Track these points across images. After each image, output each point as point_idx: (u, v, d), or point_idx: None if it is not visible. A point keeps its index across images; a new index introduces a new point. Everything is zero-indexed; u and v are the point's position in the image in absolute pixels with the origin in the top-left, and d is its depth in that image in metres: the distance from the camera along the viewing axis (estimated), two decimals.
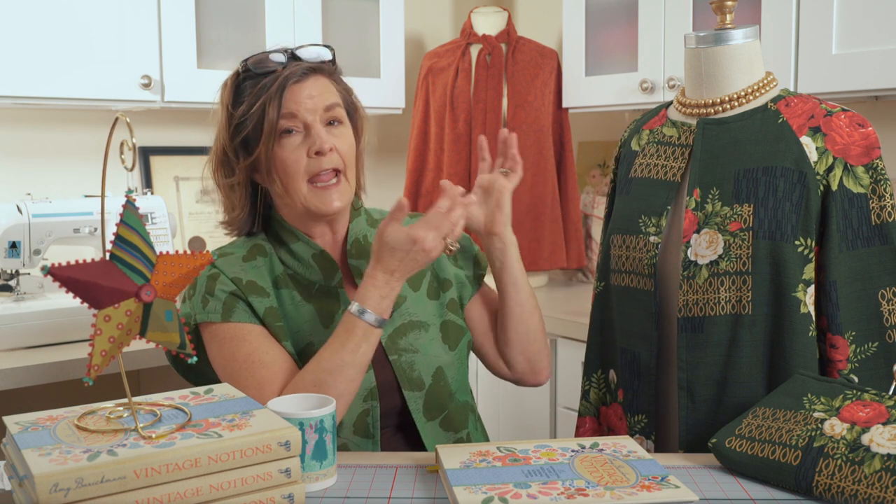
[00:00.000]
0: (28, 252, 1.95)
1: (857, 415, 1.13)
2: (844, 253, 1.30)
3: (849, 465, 1.08)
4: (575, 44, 2.65)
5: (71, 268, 0.92)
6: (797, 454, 1.12)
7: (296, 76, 1.32)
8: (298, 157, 1.31)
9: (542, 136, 2.69)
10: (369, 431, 1.34)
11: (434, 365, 1.38)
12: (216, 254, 1.38)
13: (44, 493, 0.86)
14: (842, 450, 1.10)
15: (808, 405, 1.17)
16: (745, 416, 1.21)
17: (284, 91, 1.31)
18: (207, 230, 2.62)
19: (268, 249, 1.39)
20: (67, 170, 2.43)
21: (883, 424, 1.10)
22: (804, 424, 1.15)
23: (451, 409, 1.40)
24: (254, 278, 1.34)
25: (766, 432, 1.17)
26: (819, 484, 1.09)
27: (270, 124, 1.30)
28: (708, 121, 1.39)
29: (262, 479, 0.99)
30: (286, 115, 1.31)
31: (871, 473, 1.06)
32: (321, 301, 1.37)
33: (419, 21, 3.10)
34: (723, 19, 1.39)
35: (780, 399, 1.21)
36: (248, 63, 1.35)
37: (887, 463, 1.06)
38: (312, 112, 1.32)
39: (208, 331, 1.33)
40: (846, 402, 1.15)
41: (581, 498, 1.03)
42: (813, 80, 2.04)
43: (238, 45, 2.40)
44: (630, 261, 1.42)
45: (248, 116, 1.32)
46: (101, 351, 0.94)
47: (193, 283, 1.35)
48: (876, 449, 1.08)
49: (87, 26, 2.12)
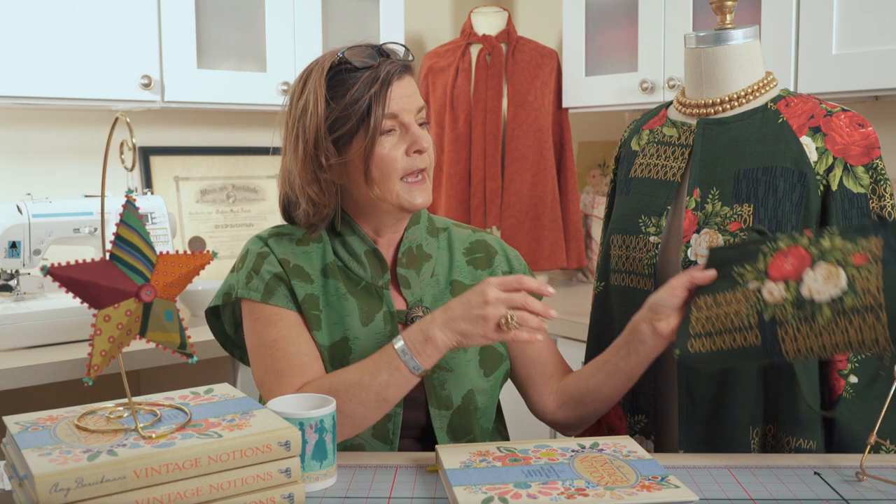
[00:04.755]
0: (28, 252, 1.95)
1: (785, 269, 1.15)
2: None
3: (805, 324, 1.12)
4: (575, 44, 2.65)
5: (71, 268, 0.92)
6: (756, 333, 1.15)
7: (396, 73, 1.31)
8: (396, 155, 1.30)
9: (542, 136, 2.69)
10: (388, 437, 1.33)
11: (466, 387, 1.36)
12: (270, 233, 1.40)
13: (44, 493, 0.86)
14: (790, 311, 1.13)
15: (741, 279, 1.19)
16: (689, 314, 1.22)
17: (390, 88, 1.29)
18: (207, 230, 2.62)
19: (323, 236, 1.39)
20: (67, 170, 2.43)
21: (811, 268, 1.13)
22: (746, 301, 1.17)
23: (476, 434, 1.38)
24: (301, 263, 1.36)
25: (717, 322, 1.19)
26: (788, 351, 1.13)
27: (377, 121, 1.28)
28: (708, 121, 1.39)
29: (262, 479, 0.99)
30: (389, 115, 1.30)
31: (826, 324, 1.11)
32: (365, 298, 1.36)
33: (419, 21, 3.10)
34: (723, 19, 1.39)
35: (713, 283, 1.22)
36: (345, 55, 1.31)
37: (835, 307, 1.10)
38: (409, 112, 1.32)
39: (247, 307, 1.36)
40: (768, 259, 1.17)
41: (581, 498, 1.03)
42: (813, 80, 2.04)
43: (238, 45, 2.41)
44: (630, 261, 1.42)
45: (353, 111, 1.29)
46: (101, 351, 0.94)
47: (243, 255, 1.38)
48: (818, 298, 1.12)
49: (87, 26, 2.12)
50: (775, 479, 1.15)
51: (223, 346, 1.47)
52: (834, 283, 1.11)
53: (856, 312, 1.10)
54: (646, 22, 2.43)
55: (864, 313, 1.09)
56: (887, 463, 1.22)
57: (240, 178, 2.70)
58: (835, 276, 1.12)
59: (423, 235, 1.43)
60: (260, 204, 2.72)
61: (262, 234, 1.40)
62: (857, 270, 1.11)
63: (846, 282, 1.11)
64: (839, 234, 1.15)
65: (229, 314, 1.43)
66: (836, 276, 1.11)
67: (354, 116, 1.29)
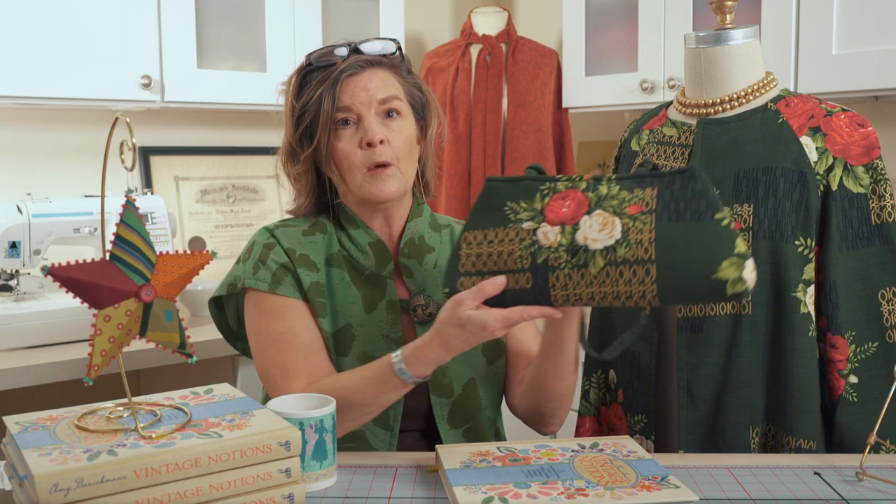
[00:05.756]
0: (28, 252, 1.95)
1: (562, 212, 1.12)
2: (844, 253, 1.30)
3: (577, 271, 1.09)
4: (575, 44, 2.65)
5: (71, 268, 0.92)
6: (528, 276, 1.11)
7: (352, 69, 1.35)
8: (352, 149, 1.34)
9: (542, 136, 2.69)
10: (389, 424, 1.34)
11: (467, 375, 1.38)
12: (276, 224, 1.43)
13: (44, 493, 0.86)
14: (564, 257, 1.10)
15: (513, 215, 1.15)
16: (458, 250, 1.17)
17: (339, 83, 1.34)
18: (207, 230, 2.62)
19: (329, 228, 1.42)
20: (67, 170, 2.43)
21: (587, 214, 1.10)
22: (519, 241, 1.13)
23: (477, 423, 1.39)
24: (307, 252, 1.38)
25: (488, 261, 1.14)
26: (557, 298, 1.10)
27: (326, 115, 1.33)
28: (708, 121, 1.39)
29: (262, 479, 0.99)
30: (341, 108, 1.34)
31: (597, 273, 1.08)
32: (369, 287, 1.38)
33: (419, 21, 3.10)
34: (723, 19, 1.39)
35: (484, 217, 1.17)
36: (311, 57, 1.38)
37: (608, 256, 1.08)
38: (366, 104, 1.34)
39: (252, 297, 1.37)
40: (546, 199, 1.14)
41: (581, 498, 1.03)
42: (813, 80, 2.04)
43: (238, 45, 2.41)
44: None
45: (308, 108, 1.36)
46: (101, 351, 0.94)
47: (250, 247, 1.41)
48: (592, 245, 1.09)
49: (87, 26, 2.12)
50: (775, 479, 1.15)
51: (226, 338, 1.48)
52: (609, 232, 1.09)
53: (627, 264, 1.07)
54: (646, 22, 2.43)
55: (635, 266, 1.07)
56: (887, 463, 1.22)
57: (240, 178, 2.70)
58: (610, 224, 1.09)
59: (426, 229, 1.44)
60: (260, 204, 2.72)
61: (269, 226, 1.43)
62: (632, 221, 1.08)
63: (620, 231, 1.08)
64: (616, 181, 1.12)
65: (233, 307, 1.45)
66: (612, 224, 1.09)
67: (310, 112, 1.35)
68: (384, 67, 1.38)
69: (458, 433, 1.38)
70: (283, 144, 1.42)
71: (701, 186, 1.08)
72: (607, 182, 1.12)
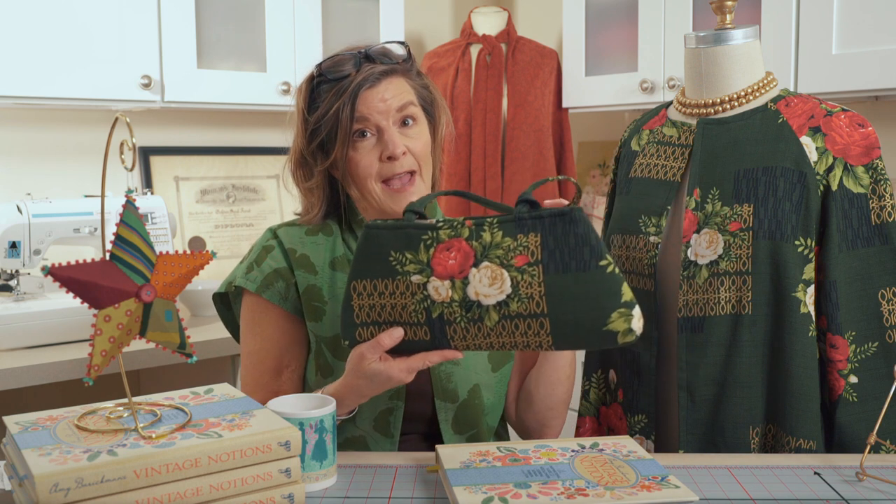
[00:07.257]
0: (28, 252, 1.95)
1: (448, 264, 1.10)
2: (844, 253, 1.30)
3: (473, 325, 1.10)
4: (575, 44, 2.65)
5: (71, 268, 0.92)
6: (425, 329, 1.13)
7: (370, 81, 1.32)
8: (371, 161, 1.32)
9: (542, 136, 2.69)
10: (389, 431, 1.34)
11: (472, 381, 1.38)
12: (283, 223, 1.43)
13: (44, 493, 0.86)
14: (458, 312, 1.10)
15: (400, 266, 1.13)
16: (350, 300, 1.15)
17: (357, 97, 1.31)
18: (207, 230, 2.62)
19: (334, 230, 1.41)
20: (67, 170, 2.43)
21: (475, 266, 1.09)
22: (411, 295, 1.12)
23: (480, 429, 1.39)
24: (308, 252, 1.38)
25: (383, 312, 1.14)
26: (457, 347, 1.13)
27: (344, 129, 1.31)
28: (708, 121, 1.39)
29: (262, 479, 0.99)
30: (359, 119, 1.31)
31: (493, 326, 1.09)
32: None
33: (419, 21, 3.10)
34: (723, 19, 1.39)
35: (369, 266, 1.14)
36: (321, 68, 1.34)
37: (501, 311, 1.08)
38: (385, 115, 1.32)
39: (244, 297, 1.40)
40: (431, 250, 1.12)
41: (581, 498, 1.03)
42: (813, 80, 2.04)
43: (238, 45, 2.41)
44: (630, 261, 1.42)
45: (323, 122, 1.33)
46: (101, 351, 0.94)
47: (252, 247, 1.43)
48: (485, 301, 1.09)
49: (87, 26, 2.12)
50: (775, 479, 1.15)
51: (232, 334, 1.51)
52: (499, 286, 1.08)
53: (521, 318, 1.08)
54: (646, 22, 2.43)
55: (529, 319, 1.07)
56: (887, 463, 1.22)
57: (240, 178, 2.70)
58: (500, 279, 1.09)
59: None
60: (260, 204, 2.72)
61: (274, 226, 1.43)
62: (520, 274, 1.08)
63: (510, 286, 1.08)
64: (498, 225, 1.10)
65: (239, 306, 1.45)
66: (501, 279, 1.08)
67: (326, 126, 1.33)
68: (398, 74, 1.36)
69: (461, 439, 1.38)
70: (294, 154, 1.39)
71: (583, 231, 1.07)
72: (489, 227, 1.10)
